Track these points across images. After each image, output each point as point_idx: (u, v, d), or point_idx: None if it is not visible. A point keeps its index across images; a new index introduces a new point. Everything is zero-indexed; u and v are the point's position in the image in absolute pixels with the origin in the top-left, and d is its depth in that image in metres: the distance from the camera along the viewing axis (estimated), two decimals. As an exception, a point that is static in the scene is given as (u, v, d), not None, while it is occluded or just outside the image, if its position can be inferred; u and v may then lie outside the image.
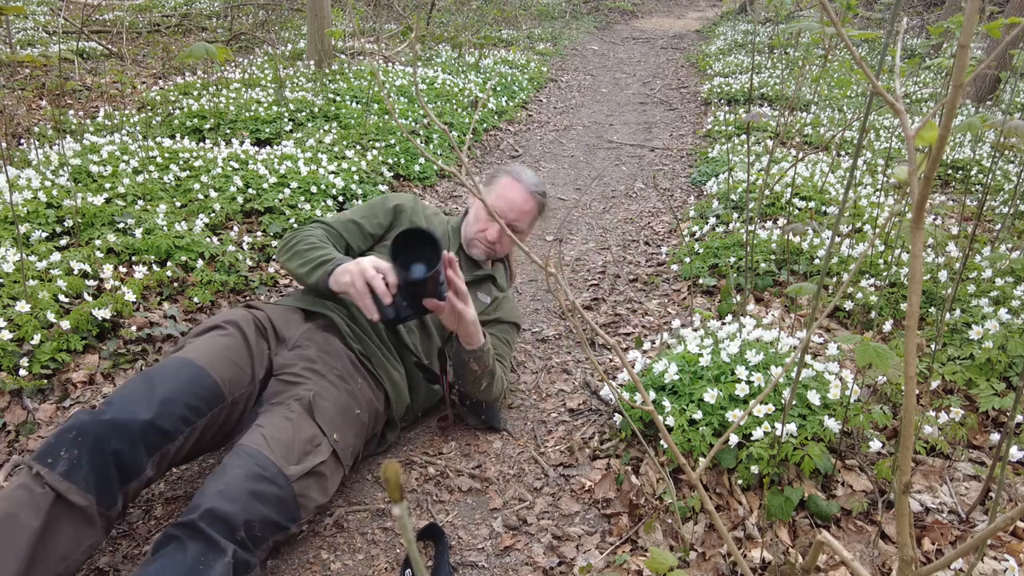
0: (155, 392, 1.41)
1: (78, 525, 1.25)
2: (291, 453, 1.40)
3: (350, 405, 1.61)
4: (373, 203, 2.00)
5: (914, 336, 0.73)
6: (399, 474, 0.36)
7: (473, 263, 2.05)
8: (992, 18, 4.51)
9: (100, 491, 1.27)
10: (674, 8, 14.52)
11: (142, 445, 1.33)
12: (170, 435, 1.38)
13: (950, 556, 0.76)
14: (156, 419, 1.36)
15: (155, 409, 1.37)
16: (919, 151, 0.73)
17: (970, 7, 0.63)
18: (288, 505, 1.36)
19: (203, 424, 1.46)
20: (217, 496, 1.26)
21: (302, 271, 1.74)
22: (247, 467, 1.33)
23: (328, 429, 1.51)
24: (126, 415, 1.34)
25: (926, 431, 1.62)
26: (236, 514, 1.25)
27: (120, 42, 6.62)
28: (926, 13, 9.84)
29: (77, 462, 1.26)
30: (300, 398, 1.52)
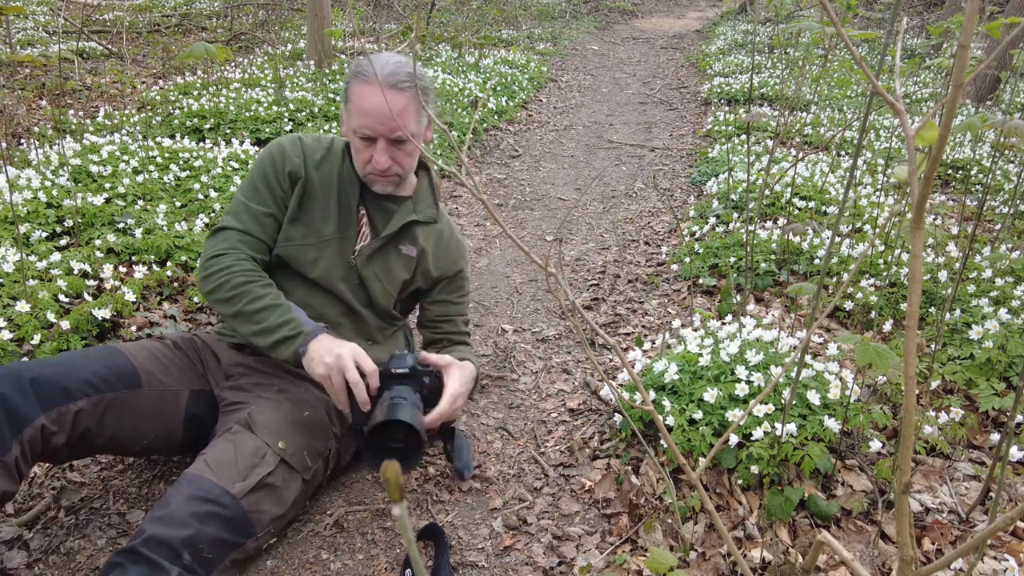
0: (61, 357, 1.42)
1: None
2: (235, 471, 1.35)
3: (294, 410, 1.54)
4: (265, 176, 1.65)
5: (914, 336, 0.73)
6: (399, 474, 0.36)
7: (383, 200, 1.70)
8: (992, 18, 4.51)
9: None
10: (674, 8, 14.52)
11: (32, 392, 1.31)
12: (68, 392, 1.35)
13: (950, 556, 0.76)
14: (51, 373, 1.35)
15: (53, 367, 1.37)
16: (919, 151, 0.73)
17: (970, 7, 0.63)
18: (238, 522, 1.32)
19: (111, 398, 1.42)
20: (157, 522, 1.24)
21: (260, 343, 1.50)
22: (188, 492, 1.30)
23: (271, 439, 1.44)
24: (20, 367, 1.34)
25: (926, 431, 1.62)
26: (176, 537, 1.23)
27: (120, 42, 6.62)
28: (926, 13, 9.84)
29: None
30: (239, 420, 1.48)
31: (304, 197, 1.66)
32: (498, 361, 2.34)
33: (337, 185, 1.67)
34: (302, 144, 1.68)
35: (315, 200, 1.66)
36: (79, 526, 1.55)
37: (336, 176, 1.67)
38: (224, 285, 1.53)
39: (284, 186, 1.65)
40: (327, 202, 1.67)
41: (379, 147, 1.55)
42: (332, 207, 1.67)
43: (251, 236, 1.62)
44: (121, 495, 1.65)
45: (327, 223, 1.66)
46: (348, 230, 1.67)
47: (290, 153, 1.66)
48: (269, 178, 1.64)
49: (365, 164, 1.60)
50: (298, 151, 1.67)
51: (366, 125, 1.53)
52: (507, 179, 4.41)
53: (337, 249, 1.65)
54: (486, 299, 2.80)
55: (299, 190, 1.65)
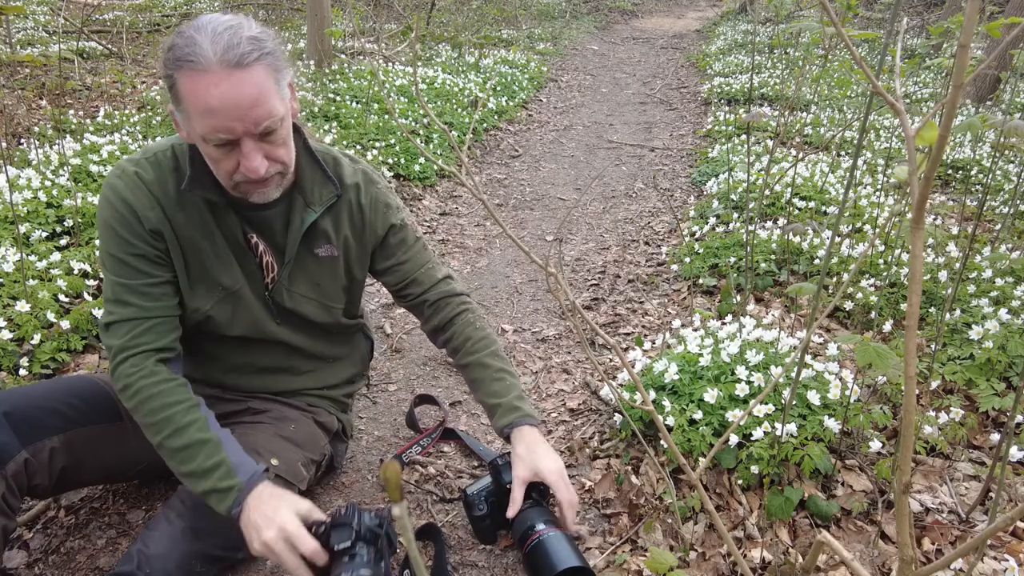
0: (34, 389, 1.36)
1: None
2: None
3: (279, 426, 1.47)
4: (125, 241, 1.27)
5: (914, 336, 0.73)
6: (399, 474, 0.36)
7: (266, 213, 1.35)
8: (992, 18, 4.51)
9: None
10: (674, 8, 14.52)
11: (9, 428, 1.25)
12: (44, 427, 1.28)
13: (950, 556, 0.76)
14: (25, 407, 1.28)
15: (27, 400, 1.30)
16: (919, 151, 0.73)
17: (970, 7, 0.63)
18: (231, 538, 1.24)
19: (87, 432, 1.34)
20: (152, 542, 1.23)
21: (188, 485, 1.26)
22: (181, 510, 1.28)
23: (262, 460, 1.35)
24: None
25: (926, 431, 1.62)
26: (171, 560, 1.21)
27: (120, 42, 6.62)
28: (926, 13, 9.84)
29: None
30: None
31: (184, 253, 1.33)
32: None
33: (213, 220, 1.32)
34: (145, 185, 1.28)
35: (198, 250, 1.33)
36: (79, 526, 1.55)
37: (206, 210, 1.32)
38: (141, 408, 1.26)
39: (156, 245, 1.29)
40: (212, 246, 1.34)
41: (245, 150, 1.17)
42: (221, 250, 1.35)
43: (147, 319, 1.29)
44: (121, 495, 1.65)
45: (224, 272, 1.36)
46: (249, 267, 1.38)
47: (138, 206, 1.26)
48: (133, 243, 1.27)
49: (231, 175, 1.21)
50: (146, 198, 1.27)
51: (219, 128, 1.13)
52: (507, 179, 4.41)
53: (251, 295, 1.38)
54: (486, 299, 2.80)
55: (174, 248, 1.31)
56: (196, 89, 1.11)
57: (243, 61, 1.11)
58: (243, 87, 1.12)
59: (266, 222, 1.36)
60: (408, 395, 2.11)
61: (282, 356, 1.51)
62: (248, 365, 1.49)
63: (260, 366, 1.51)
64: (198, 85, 1.11)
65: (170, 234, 1.30)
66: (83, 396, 1.37)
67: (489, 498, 1.49)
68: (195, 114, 1.14)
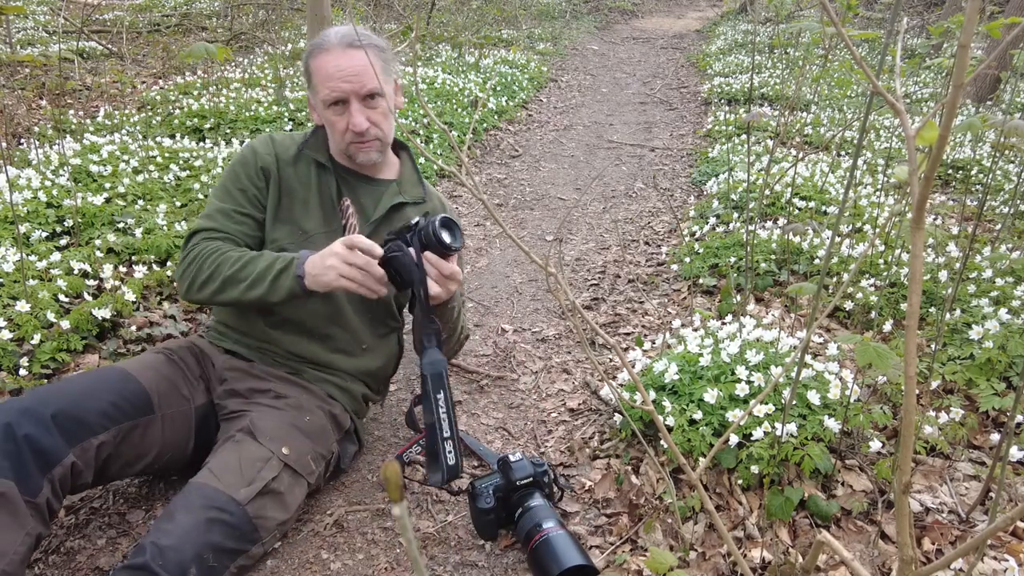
0: (72, 387, 1.38)
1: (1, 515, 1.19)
2: (240, 478, 1.35)
3: (295, 415, 1.53)
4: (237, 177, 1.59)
5: (914, 336, 0.73)
6: (399, 474, 0.36)
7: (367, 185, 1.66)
8: (992, 18, 4.51)
9: (18, 476, 1.21)
10: (674, 8, 14.51)
11: (57, 430, 1.28)
12: (90, 427, 1.33)
13: (950, 556, 0.76)
14: (70, 408, 1.31)
15: (70, 400, 1.33)
16: (919, 151, 0.73)
17: (970, 7, 0.63)
18: (243, 529, 1.32)
19: (128, 428, 1.40)
20: (165, 534, 1.23)
21: (256, 293, 1.46)
22: (193, 501, 1.29)
23: (274, 446, 1.44)
24: (37, 402, 1.30)
25: (926, 431, 1.61)
26: (186, 549, 1.22)
27: (120, 42, 6.62)
28: (926, 13, 9.84)
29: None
30: (241, 428, 1.47)
31: (281, 194, 1.60)
32: (498, 361, 2.34)
33: (316, 178, 1.62)
34: (273, 142, 1.63)
35: (294, 196, 1.61)
36: (79, 526, 1.55)
37: (314, 169, 1.62)
38: (200, 270, 1.49)
39: (258, 184, 1.59)
40: (307, 196, 1.61)
41: (353, 109, 1.51)
42: (313, 201, 1.61)
43: (225, 234, 1.55)
44: (121, 495, 1.65)
45: (309, 219, 1.60)
46: (334, 223, 1.61)
47: (261, 151, 1.60)
48: (240, 178, 1.59)
49: (343, 134, 1.54)
50: (269, 149, 1.61)
51: (334, 88, 1.49)
52: (507, 179, 4.41)
53: (325, 243, 1.49)
54: (486, 299, 2.80)
55: (274, 188, 1.59)
56: (320, 63, 1.51)
57: (355, 44, 1.50)
58: (353, 59, 1.49)
59: (363, 191, 1.65)
60: (408, 395, 2.12)
61: (326, 320, 1.63)
62: (294, 323, 1.61)
63: (305, 326, 1.62)
64: (322, 59, 1.51)
65: (275, 176, 1.60)
66: (122, 392, 1.42)
67: (497, 492, 1.50)
68: (319, 83, 1.52)
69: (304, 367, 1.65)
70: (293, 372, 1.64)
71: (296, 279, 1.43)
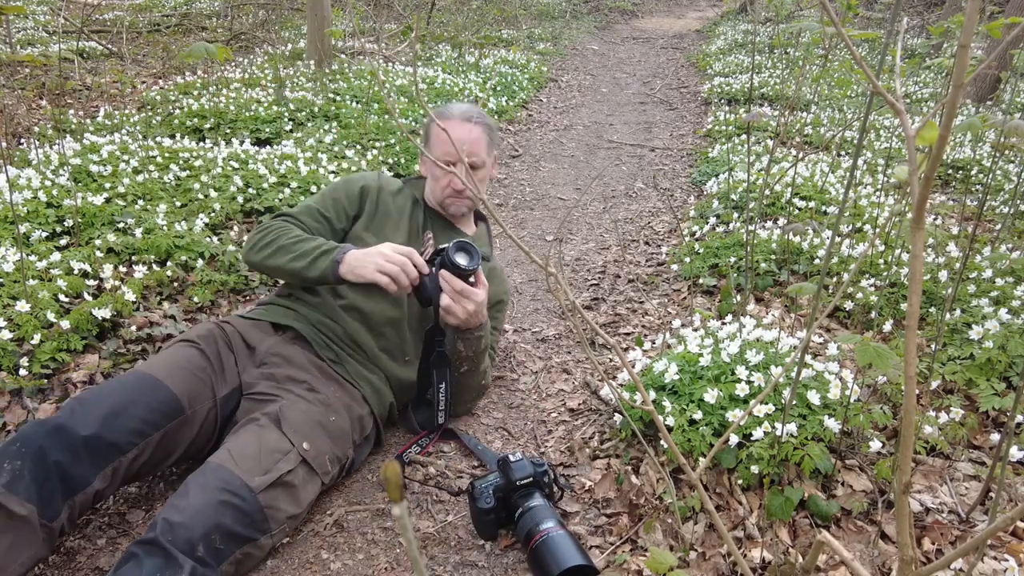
0: (104, 404, 1.39)
1: (17, 535, 1.23)
2: (257, 464, 1.37)
3: (323, 413, 1.58)
4: (335, 189, 1.90)
5: (914, 336, 0.73)
6: (399, 474, 0.36)
7: (452, 228, 1.98)
8: (992, 18, 4.50)
9: (42, 501, 1.26)
10: (674, 8, 14.51)
11: (87, 456, 1.32)
12: (120, 448, 1.37)
13: (950, 556, 0.76)
14: (102, 431, 1.35)
15: (102, 422, 1.36)
16: (919, 151, 0.73)
17: (970, 7, 0.63)
18: (254, 517, 1.34)
19: (158, 437, 1.44)
20: (177, 512, 1.25)
21: (297, 265, 1.68)
22: (208, 482, 1.31)
23: (296, 439, 1.47)
24: (70, 426, 1.32)
25: (926, 431, 1.61)
26: (196, 528, 1.24)
27: (120, 42, 6.62)
28: (926, 13, 9.84)
29: (20, 472, 1.26)
30: (268, 412, 1.50)
31: (377, 212, 1.90)
32: (498, 361, 2.34)
33: (410, 209, 1.94)
34: (380, 176, 1.97)
35: (388, 217, 1.90)
36: (79, 526, 1.55)
37: (409, 203, 1.95)
38: (264, 236, 1.74)
39: (351, 201, 1.89)
40: (399, 220, 1.91)
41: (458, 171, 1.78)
42: (403, 225, 1.90)
43: (301, 223, 1.81)
44: (121, 495, 1.65)
45: (397, 236, 1.86)
46: (415, 245, 1.85)
47: (368, 179, 1.94)
48: (338, 190, 1.90)
49: (444, 188, 1.89)
50: (375, 179, 1.95)
51: (448, 152, 1.83)
52: (507, 179, 4.41)
53: None
54: (486, 299, 2.80)
55: (371, 206, 1.89)
56: (440, 132, 1.85)
57: (471, 120, 1.88)
58: (468, 132, 1.86)
59: (444, 232, 1.95)
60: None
61: (387, 320, 1.82)
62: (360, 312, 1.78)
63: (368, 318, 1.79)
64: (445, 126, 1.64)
65: (374, 198, 1.90)
66: (152, 404, 1.45)
67: (497, 492, 1.50)
68: (435, 144, 1.87)
69: (351, 356, 1.77)
70: (337, 361, 1.73)
71: (333, 263, 1.66)
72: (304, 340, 1.74)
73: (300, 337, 1.74)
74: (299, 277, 1.72)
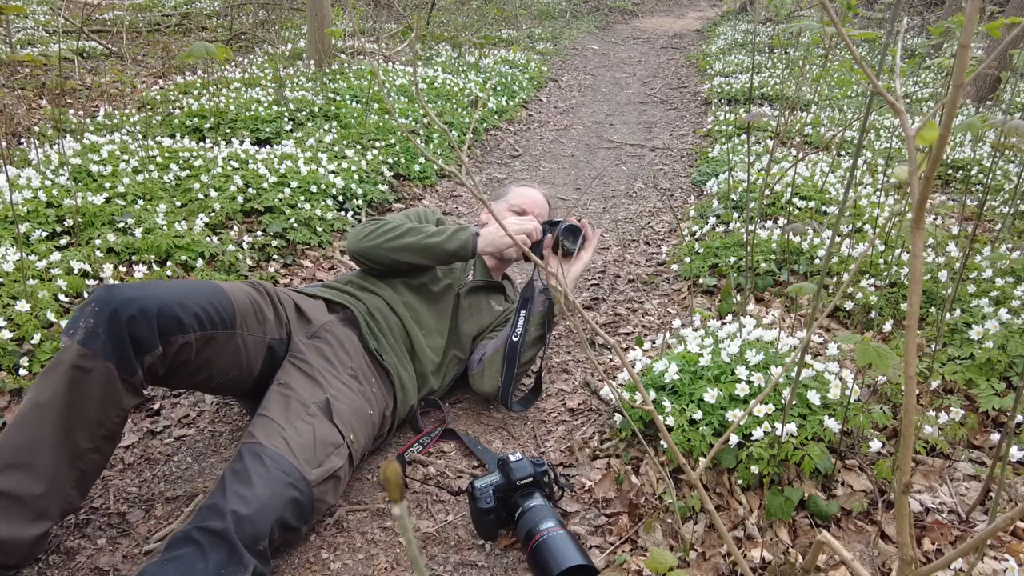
0: (173, 286, 1.44)
1: (103, 388, 1.31)
2: (313, 456, 1.41)
3: (363, 406, 1.63)
4: (419, 211, 2.11)
5: (914, 336, 0.73)
6: (399, 474, 0.36)
7: (487, 273, 2.19)
8: (992, 18, 4.50)
9: (118, 357, 1.31)
10: (674, 8, 14.51)
11: (156, 321, 1.35)
12: (182, 324, 1.39)
13: (950, 556, 0.76)
14: (171, 303, 1.38)
15: (171, 296, 1.39)
16: (919, 151, 0.73)
17: (970, 7, 0.63)
18: (305, 509, 1.38)
19: (210, 336, 1.46)
20: (243, 502, 1.26)
21: (435, 239, 1.86)
22: (272, 471, 1.33)
23: (345, 431, 1.52)
24: (143, 293, 1.36)
25: (926, 431, 1.61)
26: (262, 523, 1.26)
27: (120, 41, 6.62)
28: (926, 13, 9.84)
29: (94, 330, 1.30)
30: (317, 400, 1.53)
31: None
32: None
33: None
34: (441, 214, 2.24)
35: None
36: (79, 526, 1.55)
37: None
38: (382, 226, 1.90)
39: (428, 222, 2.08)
40: None
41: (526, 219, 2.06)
42: None
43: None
44: (121, 495, 1.65)
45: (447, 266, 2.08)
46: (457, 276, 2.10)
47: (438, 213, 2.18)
48: (419, 213, 2.11)
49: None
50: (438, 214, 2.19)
51: (523, 203, 2.23)
52: (507, 179, 4.41)
53: (455, 277, 2.07)
54: (486, 299, 2.80)
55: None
56: (520, 190, 2.29)
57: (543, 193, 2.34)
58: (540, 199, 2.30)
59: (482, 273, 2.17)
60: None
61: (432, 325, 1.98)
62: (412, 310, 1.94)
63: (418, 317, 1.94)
64: (522, 190, 2.30)
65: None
66: (214, 302, 1.48)
67: (497, 492, 1.50)
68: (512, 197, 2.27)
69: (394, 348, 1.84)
70: (379, 351, 1.78)
71: (472, 236, 1.87)
72: (355, 324, 1.80)
73: (352, 320, 1.80)
74: (436, 250, 1.87)
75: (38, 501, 1.27)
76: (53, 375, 1.30)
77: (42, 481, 1.27)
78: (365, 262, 1.95)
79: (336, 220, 3.21)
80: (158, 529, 1.56)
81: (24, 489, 1.26)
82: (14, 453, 1.26)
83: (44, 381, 1.30)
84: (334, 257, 3.04)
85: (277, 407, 1.48)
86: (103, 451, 1.38)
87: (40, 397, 1.29)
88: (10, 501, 1.25)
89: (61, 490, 1.31)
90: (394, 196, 3.77)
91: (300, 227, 3.02)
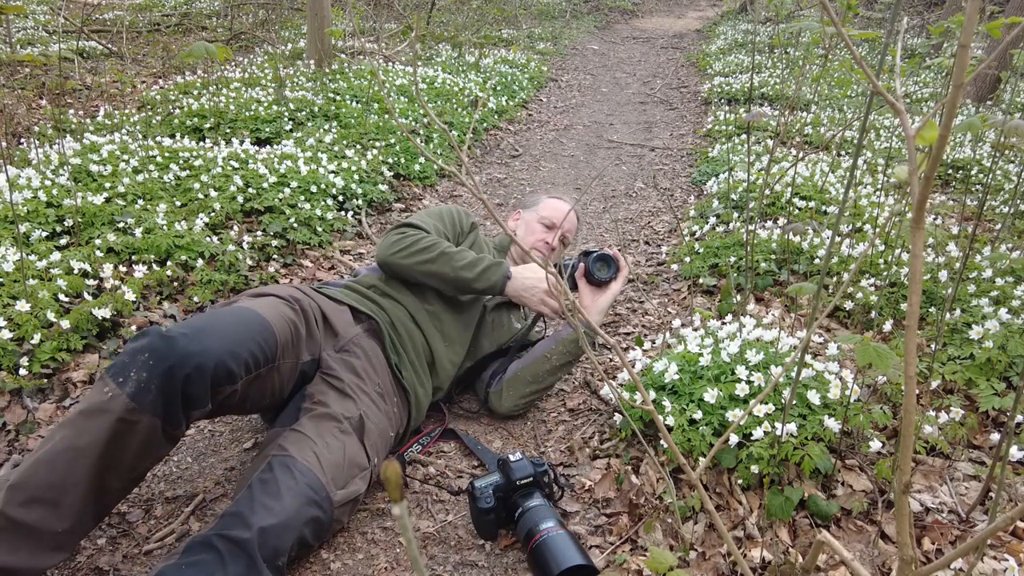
0: (228, 336, 1.39)
1: (143, 441, 1.28)
2: (340, 476, 1.42)
3: (387, 428, 1.64)
4: (453, 216, 2.05)
5: (914, 336, 0.73)
6: (399, 474, 0.36)
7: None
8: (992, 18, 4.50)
9: (167, 415, 1.28)
10: (674, 8, 14.51)
11: (211, 380, 1.32)
12: (232, 376, 1.35)
13: (950, 556, 0.76)
14: (227, 360, 1.34)
15: (224, 346, 1.35)
16: (919, 151, 0.73)
17: (970, 7, 0.63)
18: (325, 527, 1.39)
19: (255, 376, 1.44)
20: (269, 514, 1.26)
21: (466, 274, 1.82)
22: (301, 488, 1.33)
23: (372, 454, 1.53)
24: (200, 348, 1.31)
25: (926, 431, 1.61)
26: (284, 539, 1.26)
27: (120, 41, 6.62)
28: (926, 13, 9.83)
29: (146, 385, 1.25)
30: (351, 415, 1.53)
31: (473, 245, 2.06)
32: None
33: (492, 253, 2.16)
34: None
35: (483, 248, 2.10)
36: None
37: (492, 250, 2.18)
38: (417, 243, 1.83)
39: (463, 228, 2.07)
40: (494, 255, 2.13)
41: (553, 233, 2.13)
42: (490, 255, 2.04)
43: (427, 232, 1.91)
44: (121, 495, 1.65)
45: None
46: None
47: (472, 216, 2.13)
48: (454, 216, 2.05)
49: (537, 240, 2.13)
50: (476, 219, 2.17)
51: (554, 216, 2.16)
52: (507, 179, 4.41)
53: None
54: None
55: (474, 237, 2.08)
56: (553, 203, 2.21)
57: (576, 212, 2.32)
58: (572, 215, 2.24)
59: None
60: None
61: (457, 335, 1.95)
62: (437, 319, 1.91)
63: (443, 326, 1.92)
64: (555, 202, 2.22)
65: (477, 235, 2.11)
66: (261, 342, 1.45)
67: (497, 492, 1.50)
68: (544, 208, 2.19)
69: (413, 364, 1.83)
70: (399, 365, 1.77)
71: (503, 279, 1.84)
72: (380, 336, 1.78)
73: (377, 332, 1.79)
74: (464, 286, 1.85)
75: (59, 536, 1.25)
76: (96, 421, 1.25)
77: (66, 520, 1.25)
78: (392, 273, 1.91)
79: (336, 220, 3.21)
80: (158, 529, 1.56)
81: (47, 525, 1.23)
82: (42, 490, 1.23)
83: (84, 423, 1.25)
84: (334, 257, 3.04)
85: (310, 422, 1.49)
86: (128, 489, 1.36)
87: (78, 441, 1.24)
88: (30, 532, 1.22)
89: (84, 527, 1.29)
90: (394, 196, 3.77)
91: (300, 227, 3.02)
